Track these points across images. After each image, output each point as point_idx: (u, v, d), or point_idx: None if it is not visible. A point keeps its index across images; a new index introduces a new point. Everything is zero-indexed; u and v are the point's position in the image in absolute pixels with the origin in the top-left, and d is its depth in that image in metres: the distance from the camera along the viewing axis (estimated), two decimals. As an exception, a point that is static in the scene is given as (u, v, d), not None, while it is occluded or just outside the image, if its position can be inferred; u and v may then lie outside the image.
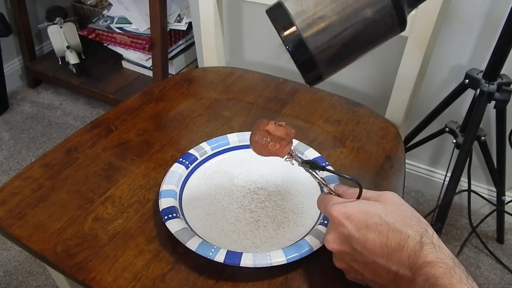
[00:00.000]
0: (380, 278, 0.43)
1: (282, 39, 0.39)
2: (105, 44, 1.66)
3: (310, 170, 0.49)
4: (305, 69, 0.40)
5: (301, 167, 0.50)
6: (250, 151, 0.66)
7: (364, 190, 0.46)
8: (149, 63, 1.62)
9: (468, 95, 0.96)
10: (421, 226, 0.41)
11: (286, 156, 0.50)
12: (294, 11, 0.39)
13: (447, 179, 1.00)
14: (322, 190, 0.60)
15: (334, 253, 0.48)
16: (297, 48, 0.39)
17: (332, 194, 0.48)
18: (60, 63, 1.73)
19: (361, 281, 0.47)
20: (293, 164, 0.50)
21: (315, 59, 0.39)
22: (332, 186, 0.50)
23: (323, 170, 0.48)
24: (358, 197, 0.46)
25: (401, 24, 0.40)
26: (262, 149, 0.49)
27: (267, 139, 0.49)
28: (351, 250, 0.44)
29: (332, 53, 0.40)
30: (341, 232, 0.44)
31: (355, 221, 0.43)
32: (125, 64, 1.71)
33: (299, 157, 0.50)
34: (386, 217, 0.42)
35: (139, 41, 1.56)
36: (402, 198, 0.62)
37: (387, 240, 0.41)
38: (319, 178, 0.50)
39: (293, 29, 0.39)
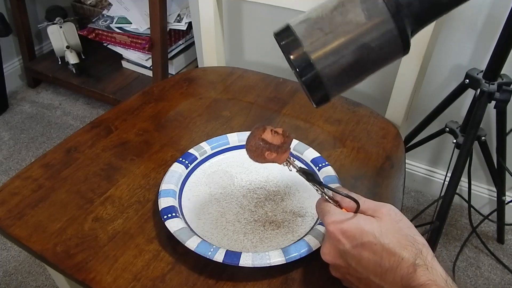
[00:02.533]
0: None
1: (291, 62, 0.40)
2: (105, 44, 1.66)
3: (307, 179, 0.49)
4: (313, 90, 0.41)
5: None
6: (250, 151, 0.67)
7: (361, 200, 0.46)
8: (149, 63, 1.62)
9: (468, 95, 0.96)
10: (416, 247, 0.42)
11: (284, 163, 0.49)
12: (302, 35, 0.40)
13: (447, 179, 1.00)
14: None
15: (330, 264, 0.48)
16: (306, 70, 0.40)
17: (329, 202, 0.48)
18: (59, 63, 1.73)
19: None
20: (290, 170, 0.50)
21: (322, 81, 0.40)
22: (332, 189, 0.49)
23: (319, 185, 0.47)
24: (356, 211, 0.45)
25: (405, 48, 0.41)
26: (258, 157, 0.49)
27: (263, 148, 0.48)
28: (345, 265, 0.45)
29: (339, 75, 0.41)
30: (336, 247, 0.45)
31: (350, 237, 0.43)
32: (125, 64, 1.71)
33: (297, 165, 0.50)
34: (381, 237, 0.42)
35: (139, 41, 1.56)
36: (402, 198, 0.63)
37: (381, 260, 0.42)
38: (318, 187, 0.49)
39: (301, 52, 0.40)
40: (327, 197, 0.48)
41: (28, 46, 1.72)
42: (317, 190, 0.48)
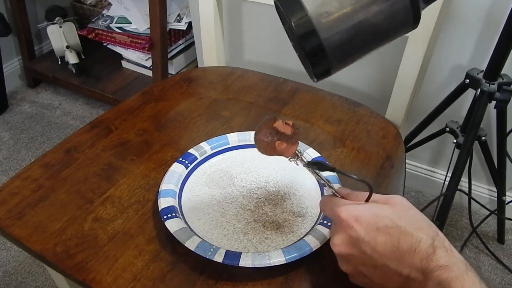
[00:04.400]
0: (389, 282, 0.42)
1: (291, 28, 0.38)
2: (105, 44, 1.66)
3: (315, 171, 0.48)
4: (314, 60, 0.39)
5: (303, 168, 0.48)
6: (250, 151, 0.67)
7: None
8: (148, 63, 1.62)
9: (469, 95, 0.96)
10: (432, 230, 0.41)
11: (290, 156, 0.48)
12: (306, 0, 0.38)
13: (448, 179, 1.00)
14: (322, 192, 0.60)
15: (340, 256, 0.46)
16: (308, 37, 0.37)
17: (337, 196, 0.47)
18: (59, 63, 1.73)
19: (367, 285, 0.45)
20: (297, 165, 0.49)
21: (325, 49, 0.38)
22: (336, 187, 0.49)
23: (332, 171, 0.45)
24: (367, 200, 0.45)
25: (415, 19, 0.39)
26: (267, 148, 0.47)
27: (274, 137, 0.46)
28: (359, 254, 0.43)
29: (343, 45, 0.38)
30: (349, 235, 0.43)
31: (365, 223, 0.42)
32: (124, 64, 1.71)
33: (305, 158, 0.48)
34: (397, 220, 0.41)
35: (139, 41, 1.56)
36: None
37: (399, 243, 0.40)
38: (324, 180, 0.48)
39: (304, 16, 0.37)
40: (334, 190, 0.47)
41: (28, 46, 1.72)
42: (323, 184, 0.47)
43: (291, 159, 0.48)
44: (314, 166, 0.47)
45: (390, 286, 0.42)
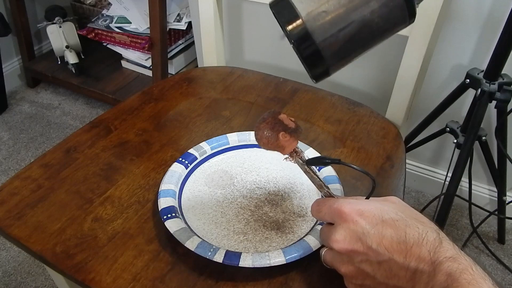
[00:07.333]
0: (394, 279, 0.41)
1: (287, 33, 0.38)
2: (105, 44, 1.66)
3: (312, 172, 0.47)
4: (311, 64, 0.39)
5: (300, 168, 0.48)
6: (250, 151, 0.66)
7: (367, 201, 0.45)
8: (148, 63, 1.62)
9: (469, 95, 0.96)
10: (434, 225, 0.41)
11: (289, 154, 0.47)
12: (299, 4, 0.38)
13: (448, 179, 1.00)
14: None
15: (342, 254, 0.43)
16: (303, 42, 0.38)
17: (334, 196, 0.47)
18: (59, 62, 1.73)
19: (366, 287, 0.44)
20: (294, 162, 0.47)
21: (321, 52, 0.38)
22: (348, 164, 0.47)
23: (337, 163, 0.44)
24: (368, 197, 0.44)
25: (411, 15, 0.39)
26: (270, 139, 0.45)
27: (279, 127, 0.45)
28: (364, 249, 0.41)
29: (338, 46, 0.39)
30: (353, 230, 0.41)
31: (370, 217, 0.41)
32: (124, 63, 1.71)
33: (304, 156, 0.47)
34: (401, 214, 0.41)
35: (139, 41, 1.56)
36: (403, 198, 0.62)
37: (406, 235, 0.40)
38: (322, 181, 0.48)
39: (298, 22, 0.37)
40: (332, 194, 0.47)
41: (28, 45, 1.72)
42: (320, 185, 0.47)
43: (289, 157, 0.47)
44: (317, 161, 0.46)
45: (394, 283, 0.41)
